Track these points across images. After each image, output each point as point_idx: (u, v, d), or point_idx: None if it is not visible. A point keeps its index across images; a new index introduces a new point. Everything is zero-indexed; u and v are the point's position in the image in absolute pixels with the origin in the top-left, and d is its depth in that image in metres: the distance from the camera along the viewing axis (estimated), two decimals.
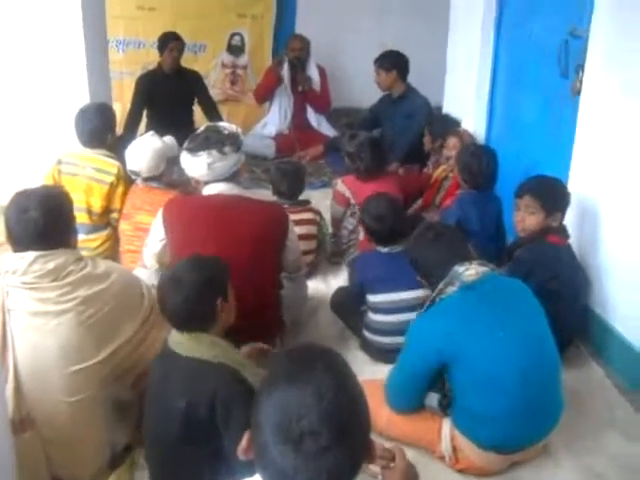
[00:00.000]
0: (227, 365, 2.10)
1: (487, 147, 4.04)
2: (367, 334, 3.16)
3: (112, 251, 3.70)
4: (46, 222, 2.26)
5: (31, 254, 2.24)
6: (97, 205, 3.64)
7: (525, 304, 2.44)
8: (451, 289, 2.37)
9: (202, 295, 2.16)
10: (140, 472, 2.45)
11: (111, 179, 3.62)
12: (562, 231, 3.06)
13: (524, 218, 3.05)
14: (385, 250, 3.16)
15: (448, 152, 4.24)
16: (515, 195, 3.09)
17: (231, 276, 2.31)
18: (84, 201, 3.58)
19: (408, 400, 2.53)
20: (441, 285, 2.38)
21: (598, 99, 3.13)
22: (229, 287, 2.28)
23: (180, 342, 2.16)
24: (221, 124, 2.95)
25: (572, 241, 3.12)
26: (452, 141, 4.26)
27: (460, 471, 2.47)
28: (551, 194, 3.02)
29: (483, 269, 2.38)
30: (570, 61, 3.46)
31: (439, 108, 5.36)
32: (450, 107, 5.21)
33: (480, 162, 3.58)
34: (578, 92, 3.31)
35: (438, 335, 2.35)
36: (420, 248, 2.56)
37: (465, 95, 4.87)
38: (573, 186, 3.25)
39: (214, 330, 2.20)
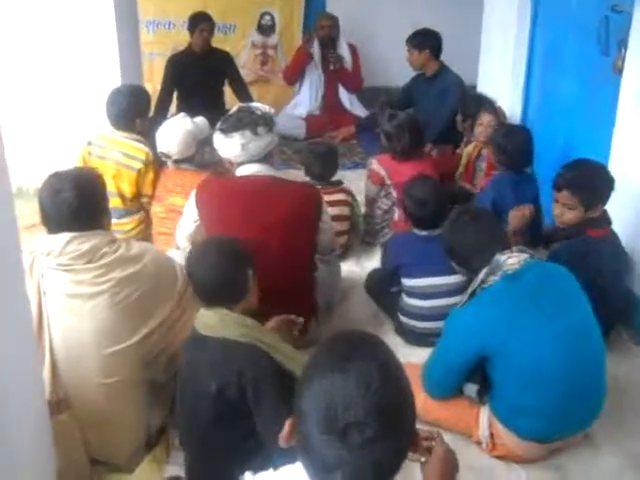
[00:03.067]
0: (254, 345, 2.08)
1: (521, 126, 3.94)
2: (402, 318, 3.13)
3: (145, 234, 3.70)
4: (80, 203, 2.26)
5: (65, 235, 2.24)
6: (127, 190, 3.63)
7: (569, 292, 2.37)
8: (493, 279, 2.31)
9: (234, 262, 2.18)
10: (175, 452, 2.45)
11: (139, 166, 3.59)
12: (603, 220, 2.91)
13: (563, 212, 2.90)
14: (423, 233, 3.10)
15: (482, 129, 4.15)
16: (553, 187, 2.94)
17: (264, 258, 2.29)
18: (114, 185, 3.56)
19: (445, 389, 2.50)
20: (482, 275, 2.32)
21: None
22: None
23: (207, 323, 2.15)
24: (254, 104, 2.92)
25: (614, 224, 3.02)
26: (486, 118, 4.15)
27: (497, 457, 2.43)
28: (591, 188, 2.84)
29: (524, 256, 2.32)
30: (611, 38, 3.36)
31: (473, 87, 5.27)
32: (484, 86, 5.12)
33: (515, 142, 3.49)
34: (620, 70, 3.21)
35: (479, 328, 2.30)
36: (456, 233, 2.50)
37: (500, 74, 4.78)
38: (614, 167, 3.16)
39: (242, 306, 2.20)
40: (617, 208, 3.08)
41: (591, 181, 2.85)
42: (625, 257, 3.05)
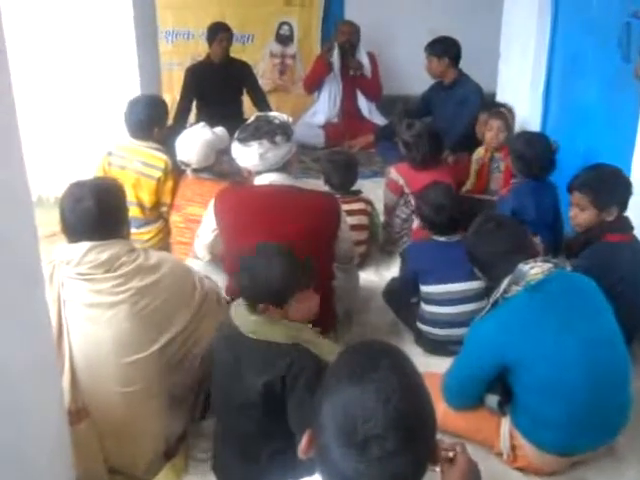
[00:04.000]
0: (298, 344, 2.12)
1: (541, 134, 3.90)
2: (421, 325, 3.11)
3: (164, 243, 3.71)
4: (100, 212, 2.27)
5: (85, 244, 2.25)
6: (147, 199, 3.65)
7: (593, 303, 2.33)
8: (515, 289, 2.28)
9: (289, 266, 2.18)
10: (194, 462, 2.45)
11: (158, 174, 3.61)
12: (623, 226, 2.87)
13: (576, 214, 2.89)
14: (442, 239, 3.09)
15: (492, 135, 4.14)
16: (567, 191, 2.94)
17: None
18: (134, 195, 3.59)
19: (466, 399, 2.47)
20: (505, 285, 2.30)
21: None
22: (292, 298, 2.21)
23: (250, 326, 2.17)
24: (272, 114, 2.92)
25: (637, 231, 2.98)
26: (496, 124, 4.14)
27: (518, 469, 2.40)
28: (603, 188, 2.82)
29: (548, 266, 2.28)
30: (632, 44, 3.32)
31: (492, 95, 5.24)
32: (504, 94, 5.09)
33: (535, 150, 3.45)
34: None
35: (501, 340, 2.27)
36: (479, 240, 2.47)
37: (519, 81, 4.74)
38: (637, 174, 3.12)
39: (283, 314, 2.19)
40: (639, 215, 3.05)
41: (601, 182, 2.84)
42: None
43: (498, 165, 4.16)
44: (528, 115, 4.63)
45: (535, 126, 4.56)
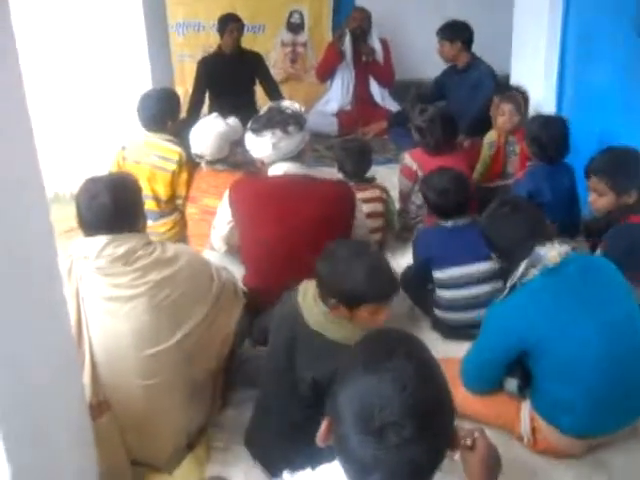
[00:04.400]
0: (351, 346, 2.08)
1: (557, 116, 3.85)
2: (437, 311, 3.11)
3: (180, 235, 3.73)
4: (116, 208, 2.29)
5: (102, 239, 2.27)
6: (162, 192, 3.67)
7: (612, 285, 2.31)
8: (533, 272, 2.27)
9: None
10: (216, 453, 2.47)
11: (173, 167, 3.63)
12: None
13: (595, 200, 2.87)
14: (449, 224, 3.08)
15: (505, 119, 4.09)
16: (584, 176, 2.91)
17: (298, 257, 2.27)
18: (149, 188, 3.61)
19: (485, 384, 2.47)
20: (522, 269, 2.28)
21: None
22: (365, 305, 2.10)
23: (314, 315, 2.12)
24: (284, 103, 2.92)
25: None
26: (507, 107, 4.10)
27: (539, 452, 2.40)
28: (619, 172, 2.79)
29: (565, 248, 2.26)
30: None
31: (506, 77, 5.19)
32: (518, 76, 5.03)
33: (551, 133, 3.43)
34: None
35: (519, 324, 2.27)
36: (495, 224, 2.45)
37: (533, 64, 4.69)
38: None
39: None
40: None
41: (618, 166, 2.81)
42: None
43: (514, 148, 4.13)
44: (543, 97, 4.57)
45: (550, 108, 4.51)
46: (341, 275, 2.07)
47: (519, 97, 4.22)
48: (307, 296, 2.18)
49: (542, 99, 4.56)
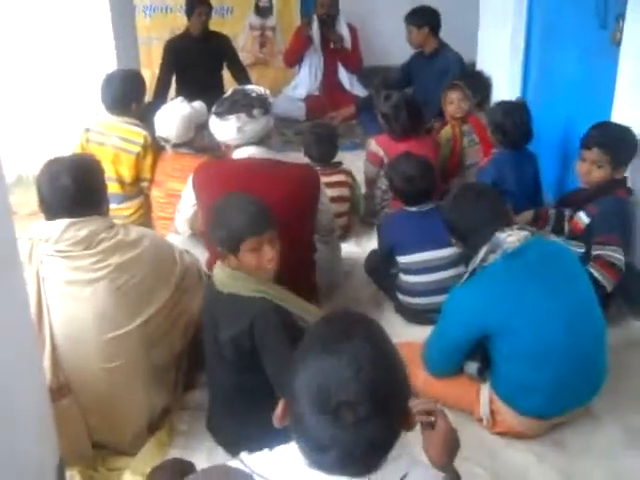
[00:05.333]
0: (263, 298, 2.19)
1: (518, 103, 3.89)
2: (400, 296, 3.14)
3: (145, 218, 3.71)
4: (77, 189, 2.26)
5: (63, 221, 2.24)
6: (126, 175, 3.64)
7: (569, 269, 2.36)
8: (493, 257, 2.29)
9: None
10: (178, 436, 2.47)
11: (137, 149, 3.60)
12: (626, 185, 2.96)
13: (590, 171, 2.93)
14: (414, 209, 3.10)
15: (455, 107, 4.15)
16: (582, 146, 2.95)
17: None
18: (113, 171, 3.57)
19: (446, 367, 2.50)
20: (482, 254, 2.31)
21: (639, 49, 3.00)
22: (242, 244, 2.21)
23: (221, 280, 2.25)
24: (249, 87, 2.90)
25: None
26: (454, 95, 4.17)
27: (498, 434, 2.44)
28: (621, 147, 2.89)
29: (525, 234, 2.30)
30: (609, 11, 3.33)
31: (473, 64, 5.23)
32: (484, 63, 5.08)
33: (514, 120, 3.45)
34: (618, 43, 3.18)
35: (479, 308, 2.30)
36: (458, 209, 2.46)
37: (499, 50, 4.73)
38: None
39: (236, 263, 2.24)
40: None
41: (621, 140, 2.90)
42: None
43: (472, 138, 4.14)
44: (508, 83, 4.62)
45: (515, 94, 4.57)
46: (219, 223, 2.24)
47: (462, 85, 4.25)
48: (215, 269, 2.33)
49: (507, 85, 4.61)
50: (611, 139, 2.90)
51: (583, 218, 2.93)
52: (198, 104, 3.59)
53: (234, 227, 2.20)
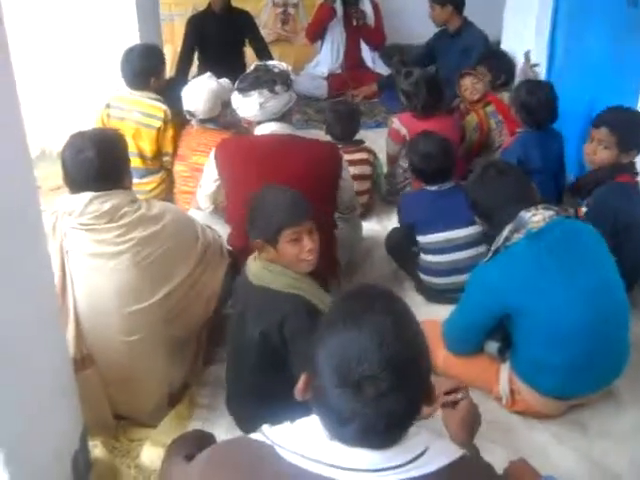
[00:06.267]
0: (299, 295, 2.15)
1: (544, 82, 3.84)
2: (421, 275, 3.13)
3: (167, 193, 3.73)
4: (101, 162, 2.27)
5: (87, 195, 2.26)
6: (148, 149, 3.65)
7: (595, 250, 2.33)
8: (517, 237, 2.28)
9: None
10: (199, 409, 2.50)
11: (158, 124, 3.61)
12: (633, 169, 2.91)
13: (596, 151, 2.89)
14: (434, 188, 3.09)
15: (469, 91, 4.14)
16: (592, 124, 2.92)
17: None
18: (134, 145, 3.58)
19: (466, 345, 2.50)
20: (506, 233, 2.29)
21: None
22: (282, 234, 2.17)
23: (255, 273, 2.22)
24: (271, 63, 2.90)
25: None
26: (467, 81, 4.15)
27: (517, 412, 2.44)
28: (629, 129, 2.84)
29: (550, 213, 2.27)
30: None
31: (497, 42, 5.16)
32: (509, 42, 5.00)
33: (539, 98, 3.41)
34: None
35: (502, 287, 2.28)
36: (482, 187, 2.44)
37: (525, 29, 4.65)
38: None
39: (268, 257, 2.21)
40: None
41: (631, 123, 2.86)
42: None
43: (498, 119, 4.10)
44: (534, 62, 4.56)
45: (540, 74, 4.51)
46: (257, 214, 2.20)
47: (473, 71, 4.23)
48: (250, 260, 2.27)
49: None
50: (621, 121, 2.85)
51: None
52: (224, 81, 3.59)
53: (273, 217, 2.16)
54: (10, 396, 1.63)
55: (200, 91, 3.47)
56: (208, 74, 3.62)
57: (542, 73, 4.51)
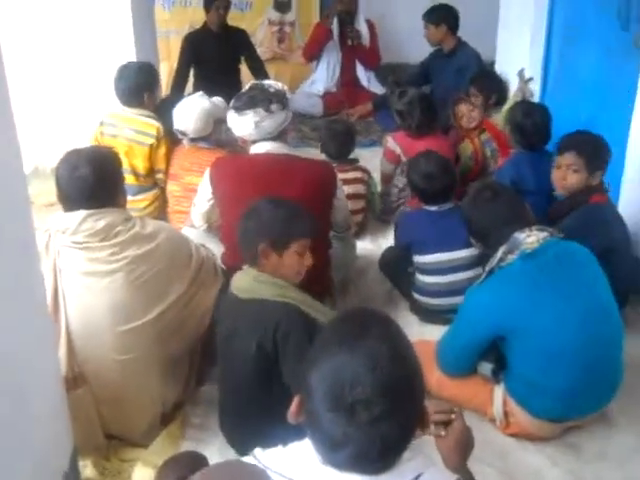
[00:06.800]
0: (290, 303, 2.16)
1: (538, 104, 3.87)
2: (416, 295, 3.12)
3: (160, 211, 3.72)
4: (96, 180, 2.27)
5: (81, 213, 2.25)
6: (140, 166, 3.64)
7: (588, 272, 2.34)
8: (511, 258, 2.28)
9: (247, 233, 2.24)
10: (191, 429, 2.48)
11: (151, 141, 3.60)
12: (602, 188, 2.92)
13: (566, 176, 2.90)
14: (433, 209, 3.09)
15: (466, 118, 4.13)
16: (557, 152, 2.93)
17: None
18: (127, 163, 3.55)
19: (460, 366, 2.49)
20: (500, 254, 2.30)
21: None
22: (293, 243, 2.22)
23: (243, 286, 2.22)
24: (267, 82, 2.90)
25: (631, 199, 3.04)
26: (463, 108, 4.16)
27: (511, 435, 2.43)
28: (595, 152, 2.86)
29: (544, 235, 2.28)
30: (632, 12, 3.30)
31: (491, 63, 5.21)
32: (503, 62, 5.05)
33: (533, 122, 3.42)
34: None
35: (496, 309, 2.28)
36: (477, 208, 2.46)
37: (519, 49, 4.71)
38: (633, 143, 3.12)
39: (265, 270, 2.22)
40: (634, 183, 3.05)
41: (594, 144, 2.88)
42: (626, 227, 3.01)
43: (493, 147, 4.10)
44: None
45: (534, 94, 4.54)
46: (273, 217, 2.22)
47: (466, 97, 4.24)
48: (236, 275, 2.28)
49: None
50: (585, 143, 2.87)
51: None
52: (217, 99, 3.60)
53: (292, 224, 2.21)
54: (0, 415, 1.62)
55: (191, 110, 3.47)
56: (200, 92, 3.62)
57: (536, 90, 4.55)
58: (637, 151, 3.10)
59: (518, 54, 4.72)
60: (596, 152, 2.86)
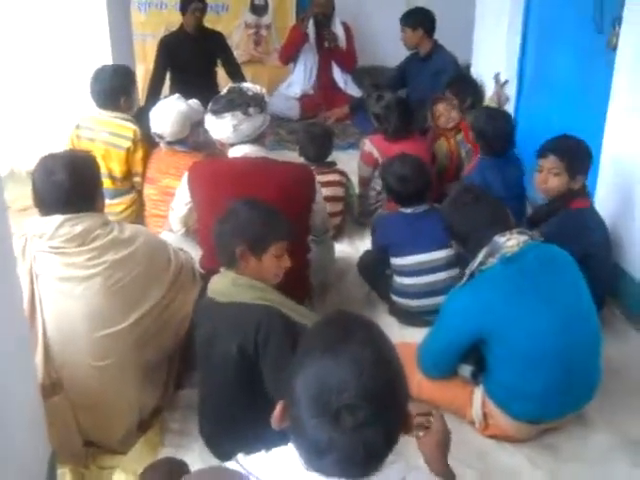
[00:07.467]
0: (270, 306, 2.17)
1: (502, 110, 3.90)
2: (394, 297, 3.13)
3: (137, 215, 3.69)
4: (72, 185, 2.25)
5: (58, 217, 2.23)
6: (117, 170, 3.61)
7: (568, 276, 2.35)
8: (491, 261, 2.29)
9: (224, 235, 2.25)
10: (170, 435, 2.46)
11: (127, 144, 3.57)
12: (585, 193, 2.94)
13: (547, 179, 2.91)
14: (409, 211, 3.10)
15: (444, 119, 4.14)
16: (538, 155, 2.94)
17: None
18: (104, 166, 3.51)
19: (441, 369, 2.50)
20: (481, 257, 2.30)
21: (635, 54, 3.01)
22: (271, 246, 2.24)
23: (221, 290, 2.22)
24: (245, 85, 2.89)
25: (606, 201, 3.04)
26: (441, 107, 4.17)
27: (490, 436, 2.44)
28: (576, 156, 2.88)
29: (524, 238, 2.29)
30: (606, 15, 3.34)
31: (468, 66, 5.24)
32: (479, 64, 5.10)
33: (495, 127, 3.45)
34: (614, 47, 3.19)
35: (476, 311, 2.29)
36: (457, 211, 2.46)
37: (494, 52, 4.75)
38: (608, 145, 3.16)
39: (243, 272, 2.23)
40: (609, 186, 3.09)
41: (576, 148, 2.90)
42: (607, 231, 3.03)
43: (468, 148, 4.10)
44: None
45: (510, 98, 4.58)
46: (250, 220, 2.23)
47: (446, 96, 4.25)
48: (213, 279, 2.29)
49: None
50: (567, 146, 2.89)
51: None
52: (194, 102, 3.57)
53: (271, 227, 2.23)
54: None
55: (167, 113, 3.44)
56: (176, 95, 3.59)
57: (512, 93, 4.58)
58: (612, 153, 3.13)
59: (494, 57, 4.76)
60: (578, 156, 2.87)
